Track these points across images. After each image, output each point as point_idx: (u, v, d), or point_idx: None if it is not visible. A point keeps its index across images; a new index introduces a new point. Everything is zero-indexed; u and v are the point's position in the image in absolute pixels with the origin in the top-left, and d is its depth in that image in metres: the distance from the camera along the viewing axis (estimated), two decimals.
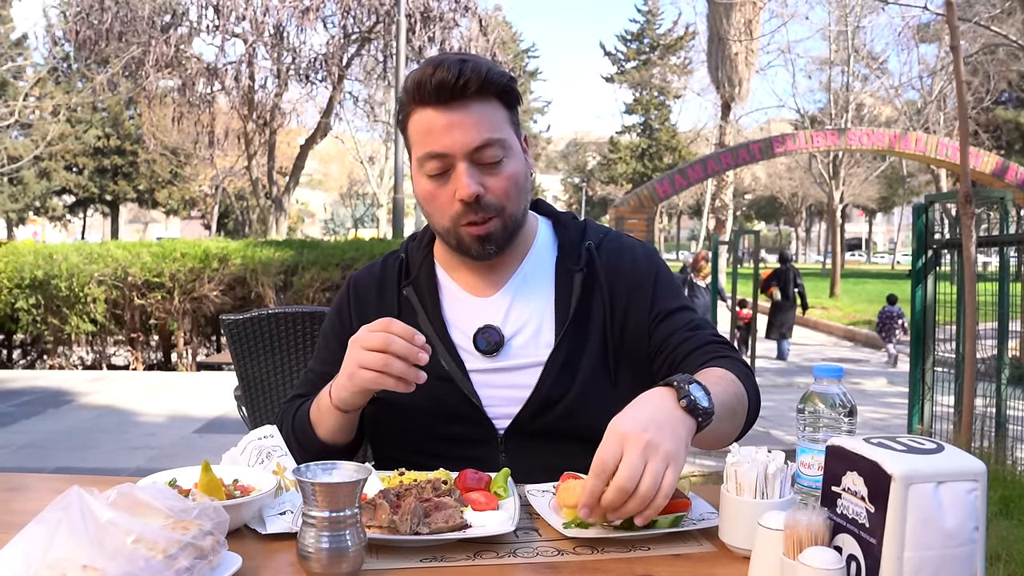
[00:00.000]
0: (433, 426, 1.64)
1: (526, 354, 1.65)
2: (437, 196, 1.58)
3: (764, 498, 1.22)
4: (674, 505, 1.35)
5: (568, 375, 1.63)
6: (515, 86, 1.62)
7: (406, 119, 1.60)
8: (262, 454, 1.47)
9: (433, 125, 1.54)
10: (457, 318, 1.69)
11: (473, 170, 1.54)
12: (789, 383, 10.59)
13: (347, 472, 1.16)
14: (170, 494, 1.15)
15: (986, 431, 5.54)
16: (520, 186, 1.60)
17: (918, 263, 6.12)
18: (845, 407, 1.27)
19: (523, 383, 1.63)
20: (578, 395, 1.62)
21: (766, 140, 15.21)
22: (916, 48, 26.84)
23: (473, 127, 1.53)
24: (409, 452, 1.66)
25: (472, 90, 1.53)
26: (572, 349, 1.64)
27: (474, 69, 1.53)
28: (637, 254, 1.74)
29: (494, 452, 1.62)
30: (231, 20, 17.60)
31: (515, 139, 1.62)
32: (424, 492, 1.34)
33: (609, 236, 1.76)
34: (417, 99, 1.56)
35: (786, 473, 1.23)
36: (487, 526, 1.28)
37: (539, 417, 1.62)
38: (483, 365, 1.65)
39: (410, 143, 1.62)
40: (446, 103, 1.53)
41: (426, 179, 1.58)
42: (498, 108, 1.58)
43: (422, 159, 1.57)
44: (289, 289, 10.54)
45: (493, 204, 1.56)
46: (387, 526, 1.25)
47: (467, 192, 1.53)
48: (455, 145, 1.53)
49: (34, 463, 6.03)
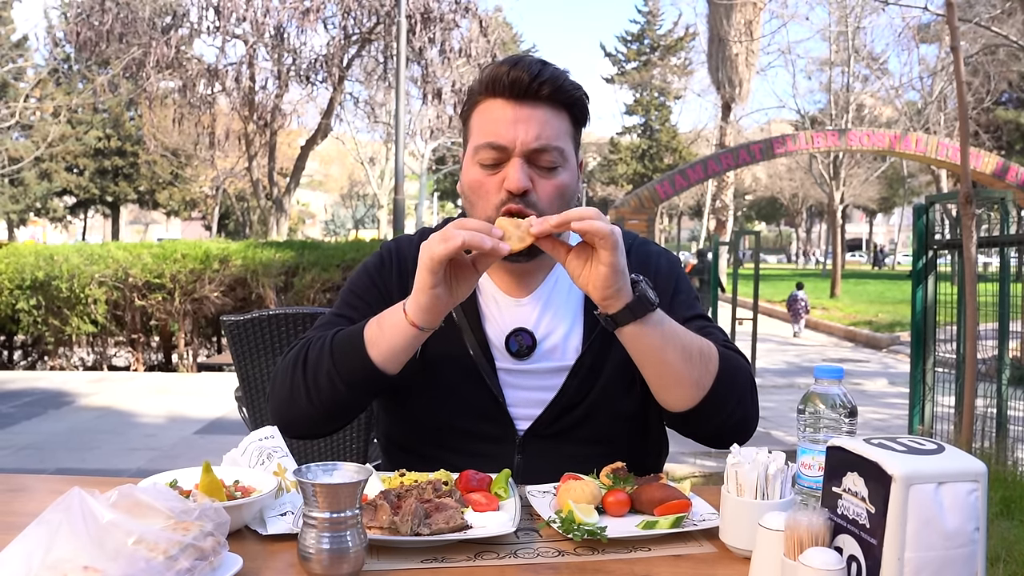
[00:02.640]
0: (453, 418, 1.64)
1: (554, 358, 1.66)
2: (484, 184, 1.58)
3: (765, 499, 1.22)
4: (675, 506, 1.35)
5: (592, 379, 1.64)
6: (586, 103, 1.63)
7: (471, 108, 1.62)
8: (263, 455, 1.47)
9: (499, 116, 1.56)
10: (492, 314, 1.69)
11: (526, 168, 1.55)
12: (789, 383, 10.59)
13: (348, 473, 1.16)
14: (171, 495, 1.15)
15: (987, 432, 5.54)
16: (566, 199, 1.60)
17: (918, 264, 6.12)
18: (846, 408, 1.27)
19: (548, 386, 1.64)
20: (598, 399, 1.64)
21: (767, 141, 15.23)
22: (916, 49, 26.87)
23: (537, 128, 1.55)
24: (423, 442, 1.67)
25: (545, 93, 1.55)
26: (598, 354, 1.65)
27: (552, 74, 1.56)
28: (661, 263, 1.76)
29: (510, 452, 1.63)
30: (231, 21, 17.59)
31: (573, 155, 1.63)
32: (425, 493, 1.34)
33: (637, 243, 1.77)
34: (490, 91, 1.57)
35: (787, 474, 1.24)
36: (488, 527, 1.29)
37: (559, 420, 1.64)
38: (511, 365, 1.65)
39: (470, 132, 1.62)
40: (518, 99, 1.55)
41: (477, 168, 1.59)
42: (565, 120, 1.60)
43: (479, 147, 1.57)
44: (290, 290, 10.54)
45: (537, 205, 1.56)
46: (388, 527, 1.25)
47: (517, 184, 1.52)
48: (516, 140, 1.54)
49: (35, 464, 6.03)
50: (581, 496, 1.36)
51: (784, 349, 14.42)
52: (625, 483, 1.44)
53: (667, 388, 1.52)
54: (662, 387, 1.53)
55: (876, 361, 13.46)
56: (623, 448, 1.64)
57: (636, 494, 1.41)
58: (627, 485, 1.44)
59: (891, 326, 16.55)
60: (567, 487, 1.39)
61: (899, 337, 15.22)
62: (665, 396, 1.54)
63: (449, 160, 36.45)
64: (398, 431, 1.74)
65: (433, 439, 1.66)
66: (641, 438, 1.72)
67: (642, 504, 1.39)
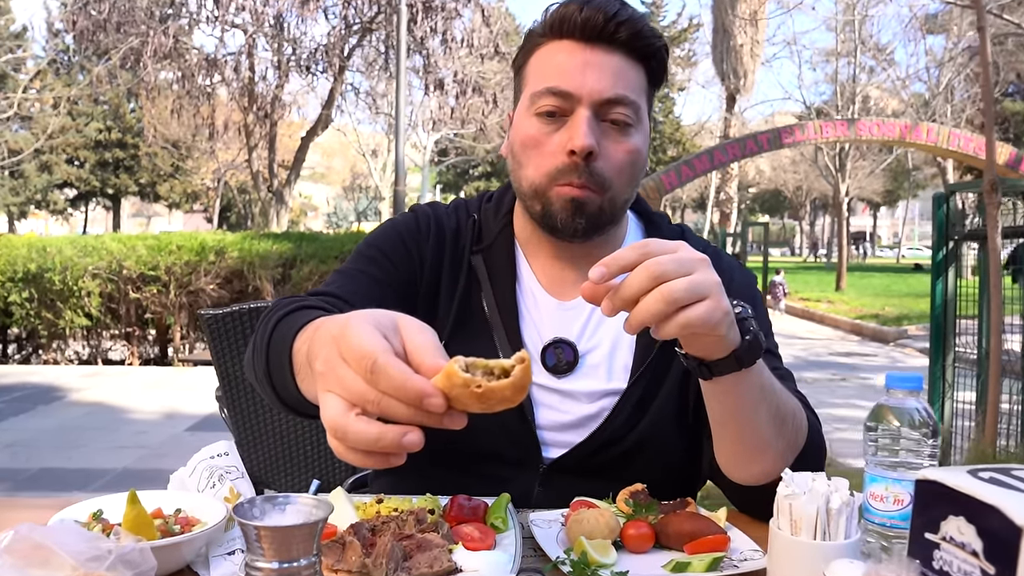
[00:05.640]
0: (467, 432, 1.36)
1: (598, 377, 1.39)
2: (542, 143, 1.32)
3: (827, 539, 0.98)
4: (709, 542, 1.11)
5: (640, 411, 1.37)
6: (666, 57, 1.37)
7: (529, 53, 1.36)
8: (213, 476, 1.23)
9: (567, 60, 1.30)
10: (530, 315, 1.43)
11: (595, 123, 1.29)
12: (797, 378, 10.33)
13: (303, 510, 0.90)
14: (81, 536, 0.92)
15: (1012, 431, 5.30)
16: (637, 167, 1.35)
17: (938, 255, 5.87)
18: (928, 426, 1.01)
19: (590, 413, 1.38)
20: (645, 434, 1.37)
21: (774, 131, 14.98)
22: (923, 39, 26.51)
23: (611, 76, 1.29)
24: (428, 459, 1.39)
25: (622, 37, 1.30)
26: (652, 380, 1.38)
27: (630, 16, 1.30)
28: (735, 277, 1.46)
29: (530, 481, 1.37)
30: (230, 11, 17.34)
31: (647, 115, 1.37)
32: (405, 526, 1.10)
33: (708, 251, 1.44)
34: (556, 31, 1.32)
35: (852, 507, 0.99)
36: (481, 571, 1.05)
37: (596, 455, 1.37)
38: (549, 383, 1.39)
39: (525, 79, 1.36)
40: (589, 41, 1.30)
41: (535, 119, 1.32)
42: (641, 73, 1.34)
43: (538, 94, 1.31)
44: (287, 282, 10.33)
45: (602, 175, 1.30)
46: (357, 571, 1.01)
47: (582, 142, 1.26)
48: (584, 87, 1.28)
49: (19, 463, 5.80)
50: (596, 529, 1.12)
51: (791, 343, 14.16)
52: (648, 511, 1.20)
53: (744, 456, 1.21)
54: (738, 455, 1.22)
55: (884, 355, 13.21)
56: (663, 491, 1.33)
57: (661, 525, 1.17)
58: (650, 514, 1.19)
59: (898, 320, 16.32)
60: (578, 518, 1.15)
61: (906, 331, 15.00)
62: (736, 464, 1.24)
63: (452, 152, 36.14)
64: None
65: (440, 456, 1.35)
66: (678, 476, 1.44)
67: (668, 538, 1.15)
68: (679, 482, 1.43)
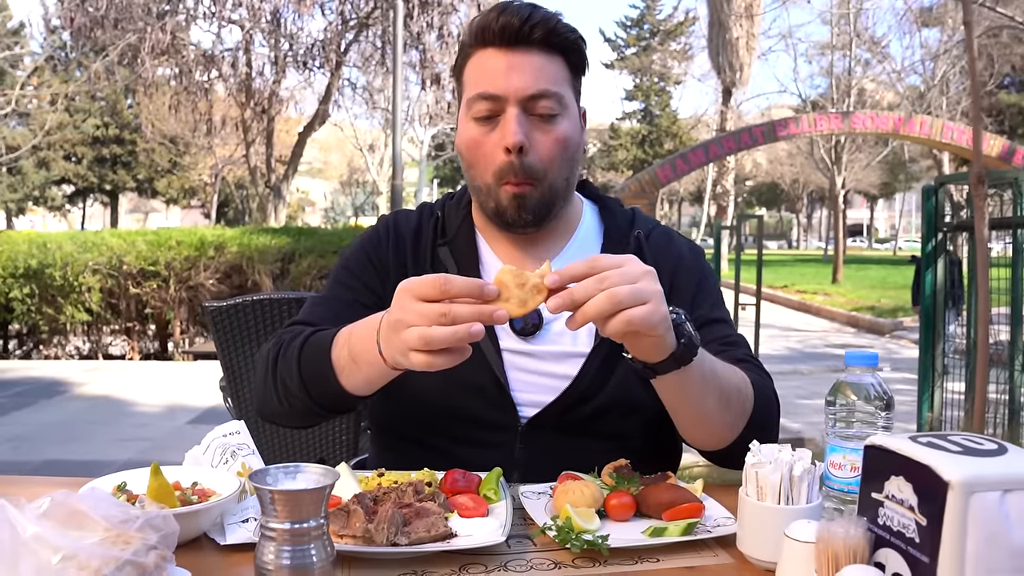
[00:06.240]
0: (450, 400, 1.49)
1: (566, 342, 1.52)
2: (481, 144, 1.46)
3: (790, 504, 1.07)
4: (685, 510, 1.21)
5: (607, 370, 1.49)
6: (583, 47, 1.51)
7: (464, 62, 1.51)
8: (226, 453, 1.33)
9: (491, 66, 1.45)
10: None
11: (523, 119, 1.43)
12: (793, 370, 10.46)
13: (312, 477, 1.00)
14: (111, 502, 1.01)
15: (999, 419, 5.39)
16: (569, 153, 1.48)
17: (927, 247, 5.95)
18: (882, 399, 1.11)
19: (559, 373, 1.50)
20: (615, 392, 1.49)
21: (769, 124, 15.03)
22: (918, 32, 26.60)
23: (532, 73, 1.43)
24: (415, 425, 1.53)
25: (537, 37, 1.44)
26: (614, 344, 1.47)
27: (543, 17, 1.45)
28: (684, 252, 1.63)
29: (510, 440, 1.48)
30: (228, 7, 17.41)
31: (574, 103, 1.51)
32: (404, 496, 1.19)
33: (658, 229, 1.65)
34: (480, 40, 1.47)
35: (814, 475, 1.09)
36: (475, 535, 1.14)
37: (570, 411, 1.49)
38: (518, 346, 1.51)
39: (463, 87, 1.51)
40: (509, 46, 1.44)
41: (472, 124, 1.46)
42: (561, 66, 1.48)
43: (472, 100, 1.46)
44: (286, 277, 10.42)
45: (535, 167, 1.44)
46: (361, 536, 1.11)
47: (513, 139, 1.41)
48: (510, 88, 1.43)
49: (22, 456, 5.89)
50: (580, 499, 1.22)
51: (787, 335, 14.28)
52: (630, 483, 1.29)
53: (697, 430, 1.40)
54: (691, 429, 1.40)
55: (879, 347, 13.31)
56: (636, 446, 1.49)
57: (642, 496, 1.26)
58: (632, 486, 1.29)
59: (894, 311, 16.42)
60: (565, 488, 1.25)
61: (902, 322, 15.10)
62: (693, 436, 1.42)
63: (448, 147, 36.21)
64: (390, 416, 1.59)
65: (428, 424, 1.51)
66: (655, 436, 1.55)
67: (649, 507, 1.25)
68: (659, 440, 1.55)
